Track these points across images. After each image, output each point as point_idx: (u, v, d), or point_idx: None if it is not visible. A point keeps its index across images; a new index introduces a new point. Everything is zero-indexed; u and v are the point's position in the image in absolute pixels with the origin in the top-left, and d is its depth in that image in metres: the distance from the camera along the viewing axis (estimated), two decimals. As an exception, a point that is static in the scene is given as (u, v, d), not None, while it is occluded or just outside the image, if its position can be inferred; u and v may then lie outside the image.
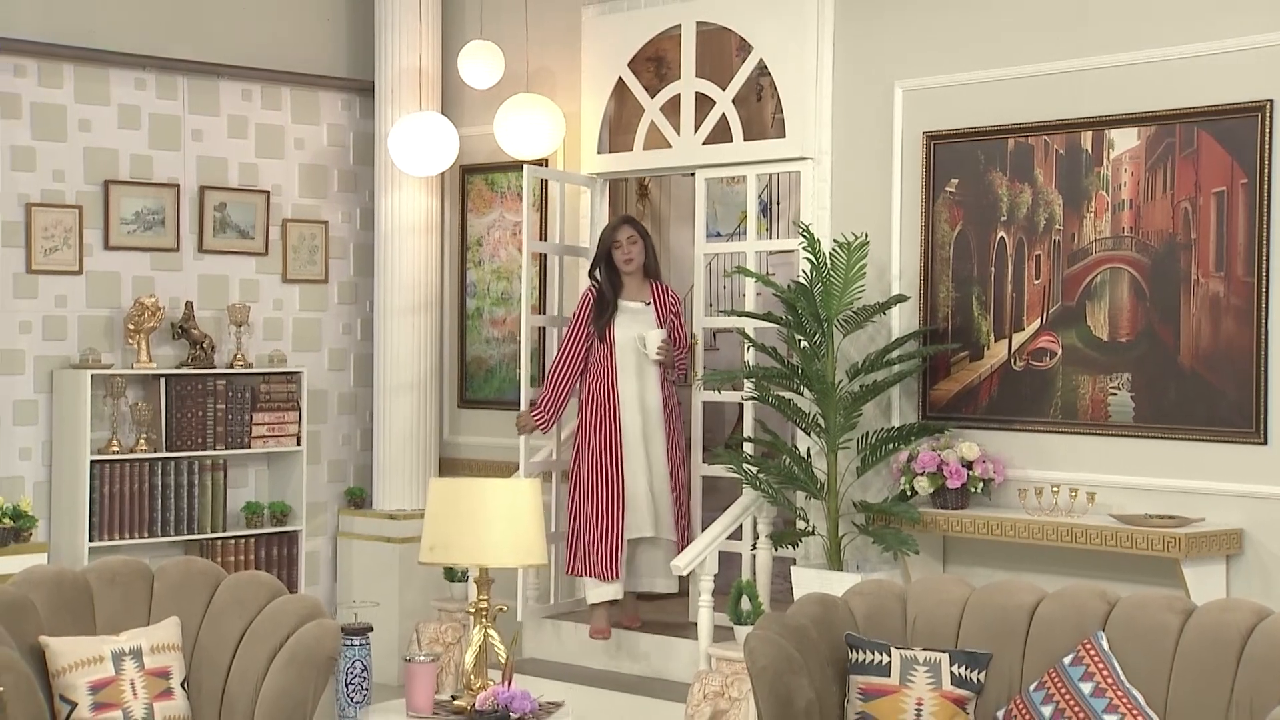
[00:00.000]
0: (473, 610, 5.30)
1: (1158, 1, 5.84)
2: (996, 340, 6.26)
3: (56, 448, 7.38)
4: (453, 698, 5.23)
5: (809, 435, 6.43)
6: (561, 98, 7.68)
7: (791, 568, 6.33)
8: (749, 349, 6.77)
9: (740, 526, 6.68)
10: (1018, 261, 6.19)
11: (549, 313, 7.57)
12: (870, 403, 6.32)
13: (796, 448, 6.51)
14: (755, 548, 6.68)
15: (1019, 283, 6.19)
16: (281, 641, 5.13)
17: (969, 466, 6.04)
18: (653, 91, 7.37)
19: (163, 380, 7.56)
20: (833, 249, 6.18)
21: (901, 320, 6.48)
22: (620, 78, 7.47)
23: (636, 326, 6.90)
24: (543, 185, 7.70)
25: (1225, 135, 5.65)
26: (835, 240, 6.25)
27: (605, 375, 6.90)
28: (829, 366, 6.23)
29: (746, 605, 6.13)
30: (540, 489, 5.48)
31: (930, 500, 6.13)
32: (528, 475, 6.99)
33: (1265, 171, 5.55)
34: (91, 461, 7.26)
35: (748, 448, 6.78)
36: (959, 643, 5.01)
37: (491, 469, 7.85)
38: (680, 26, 7.24)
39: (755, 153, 7.03)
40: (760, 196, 9.12)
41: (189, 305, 7.69)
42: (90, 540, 7.25)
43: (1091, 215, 5.99)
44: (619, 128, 7.66)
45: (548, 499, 7.08)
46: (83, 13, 7.43)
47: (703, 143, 7.18)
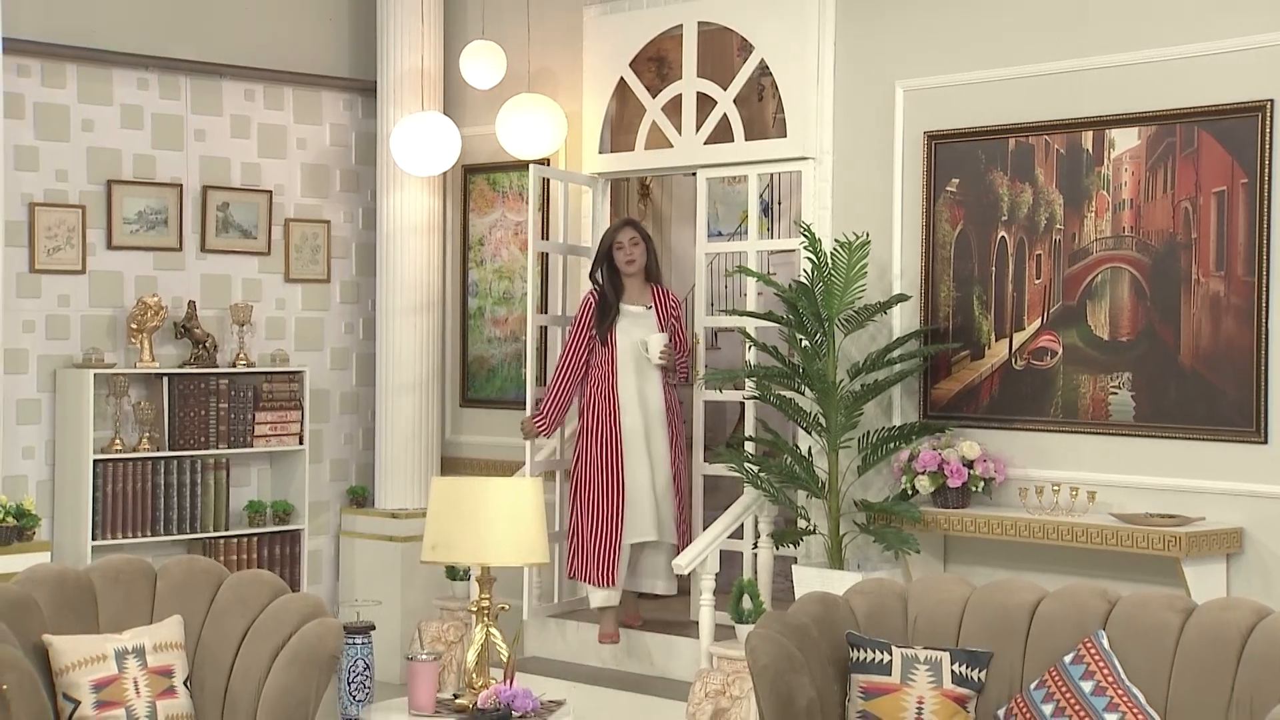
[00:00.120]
0: (474, 609, 5.31)
1: (1158, 1, 5.84)
2: (997, 340, 6.26)
3: (59, 447, 7.39)
4: (455, 696, 5.24)
5: (810, 434, 6.44)
6: (563, 98, 7.68)
7: (793, 566, 6.33)
8: (750, 348, 6.78)
9: (741, 525, 6.68)
10: (1018, 261, 6.20)
11: (551, 312, 7.57)
12: (871, 402, 6.33)
13: (798, 447, 6.51)
14: (756, 547, 6.69)
15: (1020, 282, 6.20)
16: (284, 640, 5.13)
17: (970, 465, 6.04)
18: (654, 91, 7.37)
19: (165, 379, 7.56)
20: (834, 248, 6.19)
21: (902, 319, 6.49)
22: (622, 78, 7.47)
23: (638, 330, 6.89)
24: (544, 185, 7.70)
25: (1226, 135, 5.65)
26: (836, 240, 6.25)
27: (606, 379, 6.88)
28: (830, 366, 6.24)
29: (748, 604, 6.14)
30: (542, 488, 5.49)
31: (931, 499, 6.13)
32: (533, 474, 6.99)
33: (1265, 171, 5.55)
34: (94, 460, 7.26)
35: (749, 447, 6.78)
36: (960, 641, 5.02)
37: (493, 468, 7.85)
38: (681, 27, 7.25)
39: (756, 152, 7.03)
40: (761, 196, 9.13)
41: (191, 305, 7.70)
42: (93, 539, 7.26)
43: (1092, 215, 6.00)
44: (620, 128, 7.66)
45: (551, 497, 7.09)
46: (85, 13, 7.43)
47: (704, 142, 7.18)
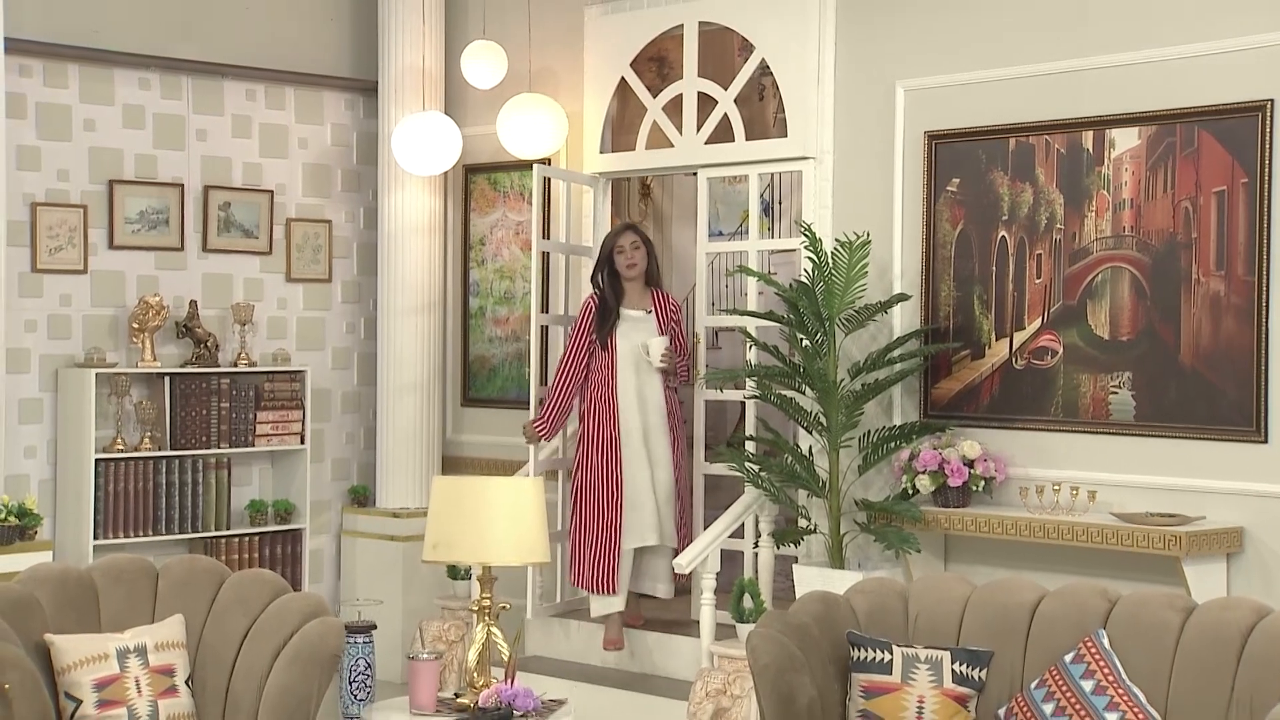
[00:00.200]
0: (476, 608, 5.32)
1: (1158, 1, 5.85)
2: (998, 339, 6.27)
3: (61, 446, 7.40)
4: (456, 695, 5.25)
5: (811, 434, 6.45)
6: (564, 97, 7.69)
7: (793, 566, 6.33)
8: (751, 348, 6.79)
9: (742, 525, 6.69)
10: (1019, 260, 6.21)
11: (552, 312, 7.58)
12: (872, 401, 6.33)
13: (798, 446, 6.52)
14: (757, 546, 6.69)
15: (1020, 282, 6.20)
16: (285, 639, 5.13)
17: (970, 465, 6.04)
18: (655, 91, 7.38)
19: (167, 379, 7.57)
20: (834, 248, 6.19)
21: (903, 319, 6.49)
22: (623, 77, 7.48)
23: (638, 335, 6.88)
24: (545, 185, 7.71)
25: (1226, 135, 5.65)
26: (837, 239, 6.26)
27: (606, 384, 6.86)
28: (831, 365, 6.24)
29: (748, 603, 6.15)
30: (543, 487, 5.50)
31: (932, 499, 6.14)
32: (536, 473, 6.98)
33: (1265, 171, 5.56)
34: (96, 460, 7.27)
35: (750, 446, 6.79)
36: (960, 641, 5.02)
37: (494, 467, 7.86)
38: (682, 26, 7.25)
39: (757, 152, 7.03)
40: (762, 196, 9.14)
41: (193, 304, 7.71)
42: (95, 538, 7.27)
43: (1092, 214, 6.01)
44: (621, 127, 7.66)
45: (554, 497, 7.09)
46: (87, 13, 7.44)
47: (705, 142, 7.18)
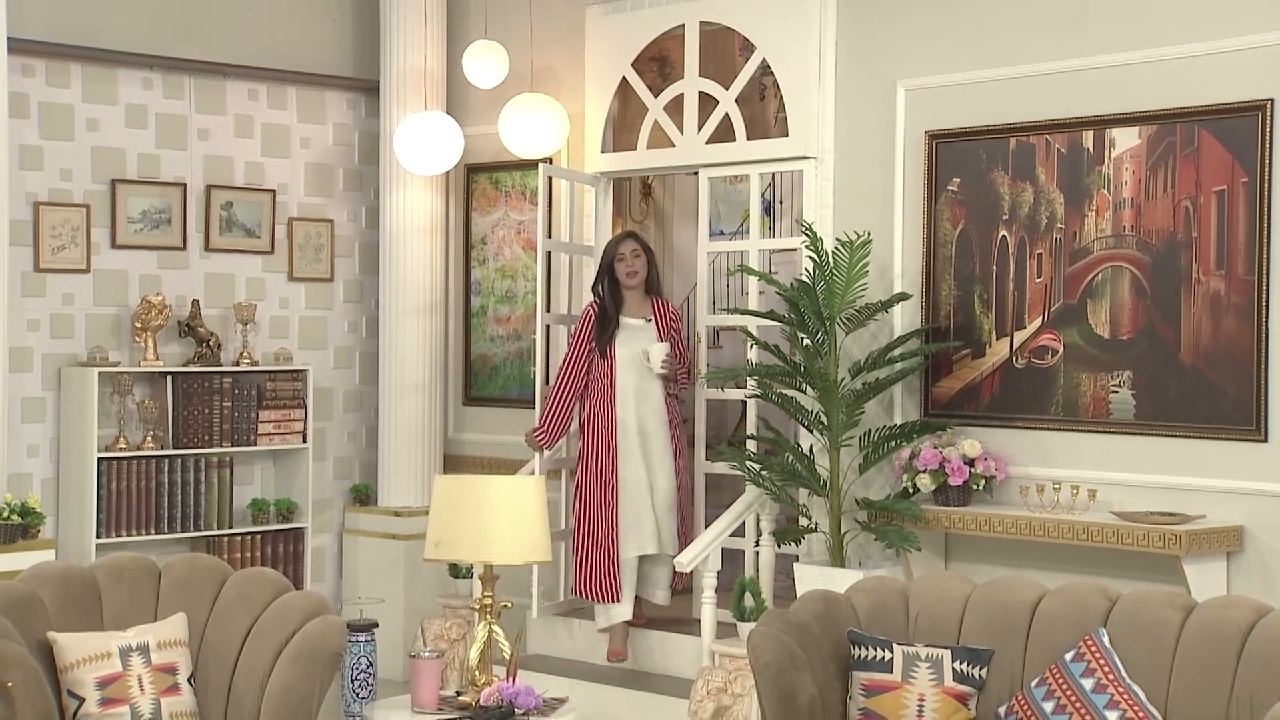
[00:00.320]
0: (477, 607, 5.33)
1: (1158, 1, 5.85)
2: (998, 338, 6.28)
3: (64, 445, 7.41)
4: (457, 694, 5.26)
5: (811, 433, 6.46)
6: (565, 97, 7.70)
7: (794, 564, 6.34)
8: (752, 347, 6.80)
9: (743, 523, 6.70)
10: (1019, 260, 6.21)
11: (555, 311, 7.59)
12: (872, 400, 6.34)
13: (799, 445, 6.52)
14: (758, 544, 6.70)
15: (1020, 281, 6.21)
16: (287, 638, 5.14)
17: (971, 464, 6.05)
18: (656, 91, 7.39)
19: (169, 378, 7.58)
20: (835, 247, 6.20)
21: (904, 318, 6.50)
22: (624, 77, 7.48)
23: (638, 343, 6.86)
24: (548, 185, 7.71)
25: (1226, 134, 5.66)
26: (838, 239, 6.26)
27: (605, 392, 6.86)
28: (831, 364, 6.25)
29: (749, 602, 6.16)
30: (545, 486, 5.51)
31: (932, 497, 6.15)
32: (541, 472, 6.98)
33: (1266, 170, 5.56)
34: (99, 459, 7.28)
35: (751, 445, 6.80)
36: (961, 639, 5.03)
37: (496, 466, 7.87)
38: (684, 26, 7.26)
39: (758, 152, 7.04)
40: (763, 195, 9.15)
41: (195, 303, 7.72)
42: (97, 537, 7.28)
43: (1093, 214, 6.01)
44: (623, 127, 7.67)
45: (557, 496, 7.10)
46: (90, 13, 7.45)
47: (706, 142, 7.19)
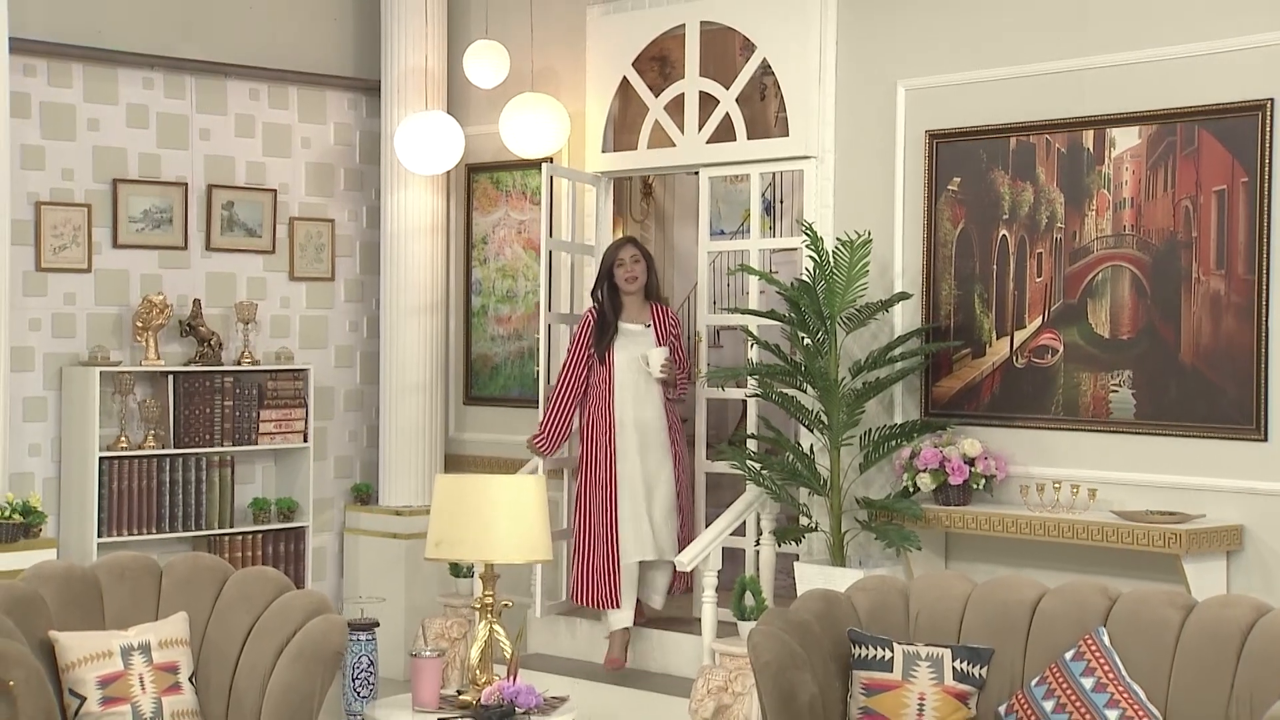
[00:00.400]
0: (478, 606, 5.34)
1: (1158, 1, 5.86)
2: (998, 338, 6.28)
3: (65, 444, 7.41)
4: (458, 693, 5.27)
5: (812, 432, 6.46)
6: (566, 97, 7.71)
7: (795, 564, 6.34)
8: (752, 346, 6.81)
9: (744, 523, 6.70)
10: (1019, 259, 6.22)
11: (556, 310, 7.58)
12: (873, 400, 6.35)
13: (800, 444, 6.53)
14: (759, 544, 6.70)
15: (1021, 280, 6.22)
16: (289, 637, 5.15)
17: (971, 463, 6.06)
18: (657, 91, 7.39)
19: (171, 377, 7.59)
20: (835, 247, 6.21)
21: (904, 318, 6.50)
22: (624, 77, 7.49)
23: (636, 348, 6.85)
24: (550, 184, 7.72)
25: (1226, 134, 5.67)
26: (838, 238, 6.27)
27: (603, 398, 6.86)
28: (832, 364, 6.26)
29: (750, 601, 6.16)
30: (545, 485, 5.52)
31: (932, 496, 6.15)
32: (543, 471, 6.98)
33: (1265, 170, 5.57)
34: (100, 458, 7.29)
35: (751, 444, 6.80)
36: (961, 638, 5.04)
37: (497, 465, 7.88)
38: (684, 26, 7.26)
39: (759, 151, 7.05)
40: (764, 195, 9.16)
41: (197, 303, 7.73)
42: (99, 536, 7.28)
43: (1093, 213, 6.02)
44: (623, 127, 7.67)
45: (557, 495, 7.11)
46: (91, 13, 7.46)
47: (706, 141, 7.20)
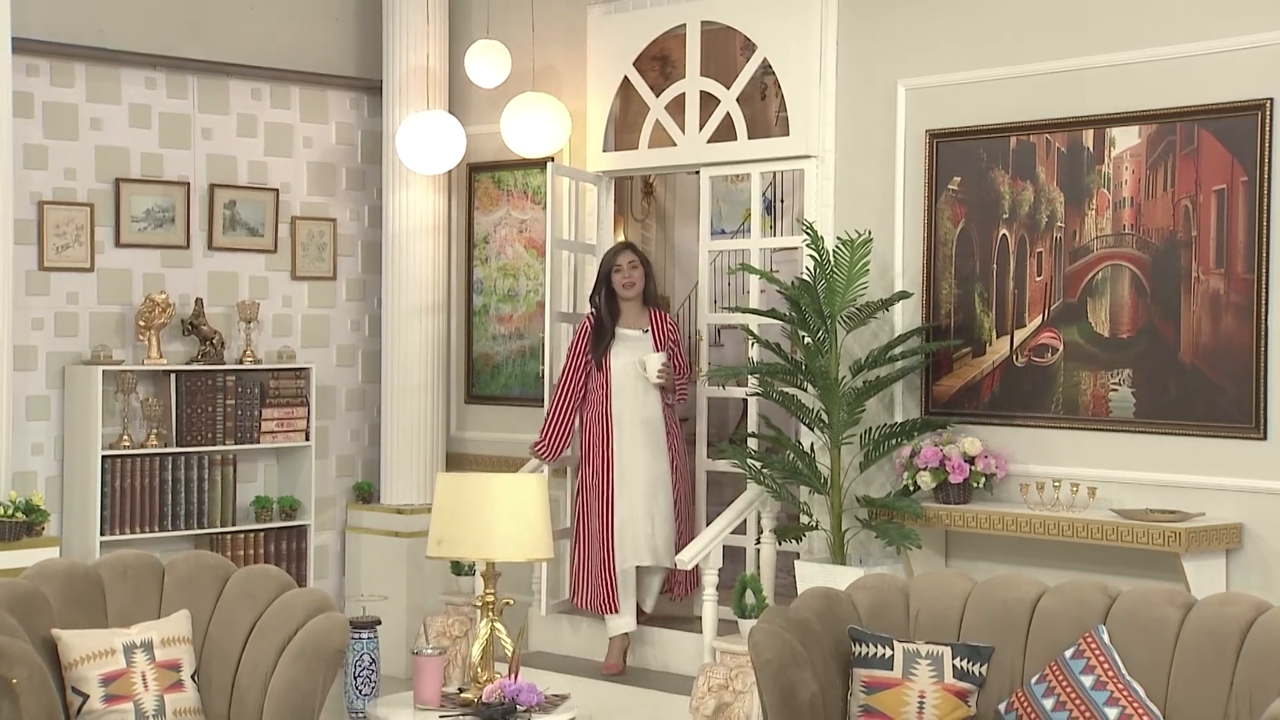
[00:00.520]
0: (480, 604, 5.35)
1: (1158, 1, 5.87)
2: (998, 337, 6.29)
3: (68, 443, 7.43)
4: (460, 690, 5.28)
5: (812, 430, 6.47)
6: (567, 96, 7.71)
7: (795, 562, 6.35)
8: (753, 345, 6.82)
9: (744, 521, 6.71)
10: (1019, 258, 6.23)
11: (557, 309, 7.58)
12: (873, 398, 6.36)
13: (800, 443, 6.54)
14: (759, 542, 6.71)
15: (1021, 279, 6.23)
16: (290, 635, 5.17)
17: (971, 462, 6.07)
18: (658, 90, 7.40)
19: (173, 376, 7.60)
20: (836, 246, 6.22)
21: (904, 317, 6.51)
22: (625, 76, 7.50)
23: (634, 354, 6.85)
24: (554, 183, 7.72)
25: (1225, 133, 5.68)
26: (839, 237, 6.28)
27: (602, 403, 6.86)
28: (832, 362, 6.27)
29: (750, 599, 6.17)
30: (547, 484, 5.53)
31: (933, 495, 6.16)
32: (550, 470, 7.00)
33: (1265, 169, 5.58)
34: (103, 456, 7.30)
35: (752, 443, 6.82)
36: (961, 636, 5.05)
37: (498, 464, 7.88)
38: (685, 26, 7.27)
39: (759, 151, 7.05)
40: (764, 194, 9.15)
41: (199, 302, 7.74)
42: (101, 534, 7.29)
43: (1093, 213, 6.03)
44: (624, 126, 7.68)
45: (558, 494, 7.11)
46: (94, 13, 7.46)
47: (707, 141, 7.20)
